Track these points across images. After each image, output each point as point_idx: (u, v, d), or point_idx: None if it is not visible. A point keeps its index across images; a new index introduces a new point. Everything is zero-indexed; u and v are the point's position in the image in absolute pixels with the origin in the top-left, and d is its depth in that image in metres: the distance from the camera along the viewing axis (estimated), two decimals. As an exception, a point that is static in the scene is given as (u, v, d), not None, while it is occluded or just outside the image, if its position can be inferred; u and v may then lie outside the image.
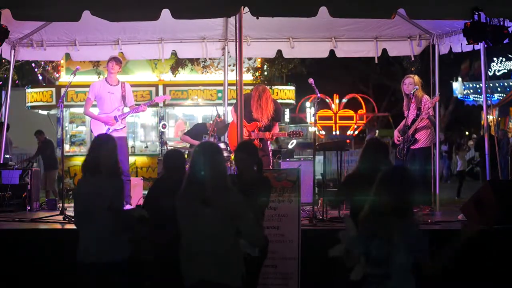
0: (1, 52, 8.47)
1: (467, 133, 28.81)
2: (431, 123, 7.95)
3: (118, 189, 4.70)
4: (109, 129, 8.03)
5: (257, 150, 5.15)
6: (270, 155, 8.11)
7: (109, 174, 4.62)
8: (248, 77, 15.41)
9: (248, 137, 7.70)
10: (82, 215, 4.63)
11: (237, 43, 6.59)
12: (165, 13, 6.04)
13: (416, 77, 8.09)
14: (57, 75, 16.50)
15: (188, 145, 8.91)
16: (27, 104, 16.26)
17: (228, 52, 9.58)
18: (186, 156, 5.79)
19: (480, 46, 7.71)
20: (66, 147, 15.47)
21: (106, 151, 4.67)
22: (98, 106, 8.27)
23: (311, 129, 18.75)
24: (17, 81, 18.54)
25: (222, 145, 7.85)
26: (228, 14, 6.96)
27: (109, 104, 8.13)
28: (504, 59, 22.93)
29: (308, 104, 21.21)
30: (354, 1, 6.19)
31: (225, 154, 7.63)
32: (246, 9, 6.13)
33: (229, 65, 10.30)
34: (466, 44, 7.25)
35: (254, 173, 4.91)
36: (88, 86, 8.53)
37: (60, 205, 7.70)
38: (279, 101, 16.41)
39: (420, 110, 7.89)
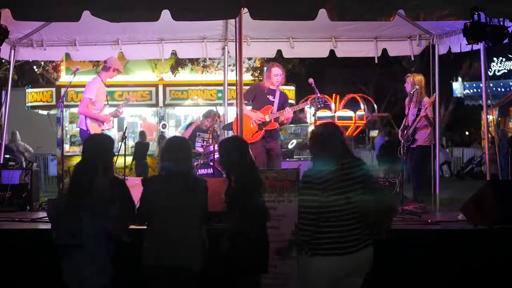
0: (1, 52, 8.47)
1: (467, 133, 28.79)
2: (428, 123, 7.99)
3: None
4: (103, 129, 8.06)
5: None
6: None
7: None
8: (248, 77, 15.42)
9: (262, 120, 7.82)
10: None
11: (237, 43, 6.59)
12: (165, 13, 6.04)
13: (417, 76, 8.13)
14: (58, 76, 16.50)
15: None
16: (27, 104, 16.24)
17: (228, 52, 9.58)
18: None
19: (480, 46, 7.71)
20: (66, 147, 15.46)
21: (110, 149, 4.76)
22: (96, 105, 8.16)
23: (311, 129, 18.71)
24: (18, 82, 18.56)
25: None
26: (228, 16, 6.94)
27: (102, 103, 8.19)
28: (504, 59, 22.90)
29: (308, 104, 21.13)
30: (353, 5, 6.18)
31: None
32: (246, 9, 6.13)
33: (229, 65, 10.28)
34: (466, 44, 7.24)
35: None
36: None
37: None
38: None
39: (420, 111, 7.96)
